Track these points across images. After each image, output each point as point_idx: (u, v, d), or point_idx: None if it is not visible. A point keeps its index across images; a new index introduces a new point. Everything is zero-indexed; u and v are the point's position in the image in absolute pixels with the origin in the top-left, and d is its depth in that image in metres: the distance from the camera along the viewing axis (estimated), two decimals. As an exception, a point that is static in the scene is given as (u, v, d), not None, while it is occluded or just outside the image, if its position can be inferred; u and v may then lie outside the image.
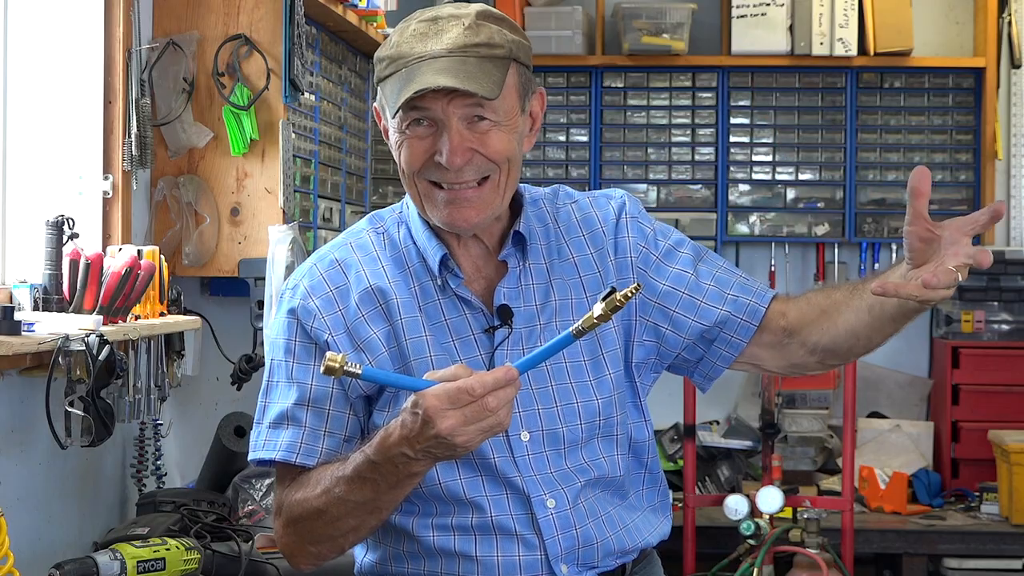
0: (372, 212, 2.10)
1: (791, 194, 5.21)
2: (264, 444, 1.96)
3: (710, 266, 2.06)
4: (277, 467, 1.98)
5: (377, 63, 1.94)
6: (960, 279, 1.75)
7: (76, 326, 2.62)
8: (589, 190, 5.47)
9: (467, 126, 1.88)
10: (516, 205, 2.02)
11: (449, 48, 1.86)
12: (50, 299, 2.72)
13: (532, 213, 2.03)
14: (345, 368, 1.71)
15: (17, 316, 2.53)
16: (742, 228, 5.22)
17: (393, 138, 1.93)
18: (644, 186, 5.23)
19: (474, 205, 1.91)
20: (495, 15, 1.93)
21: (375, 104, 2.01)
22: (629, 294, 1.70)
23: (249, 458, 2.01)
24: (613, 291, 1.73)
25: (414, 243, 2.00)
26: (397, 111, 1.86)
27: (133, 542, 2.68)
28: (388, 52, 1.90)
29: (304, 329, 1.96)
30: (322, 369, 1.71)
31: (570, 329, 1.75)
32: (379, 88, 1.94)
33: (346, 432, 1.96)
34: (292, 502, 1.93)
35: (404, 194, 2.02)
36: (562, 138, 5.25)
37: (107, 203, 3.15)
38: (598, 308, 1.73)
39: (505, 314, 1.95)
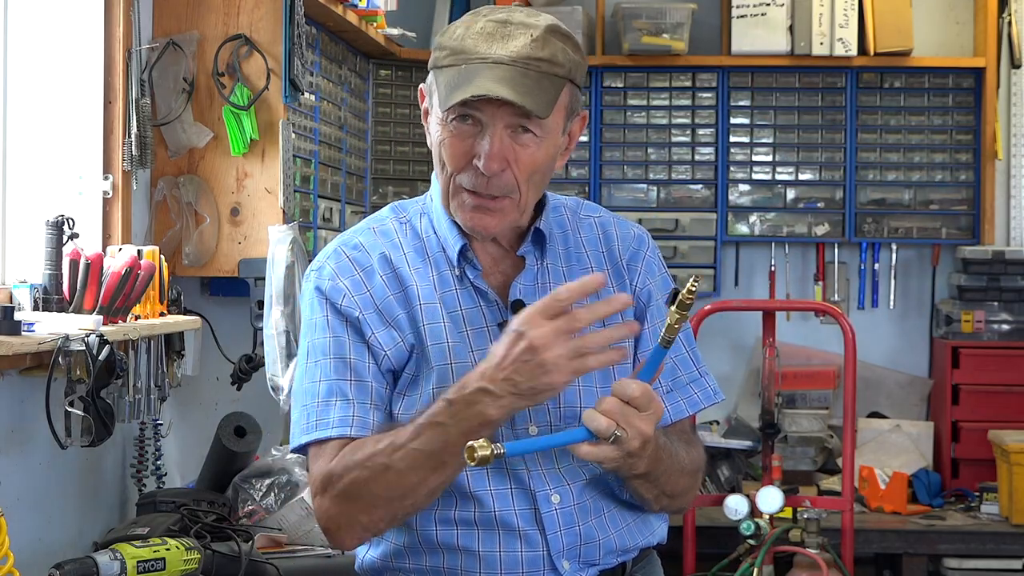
0: (394, 203, 2.13)
1: (791, 194, 5.21)
2: (317, 424, 1.94)
3: (685, 344, 2.09)
4: (314, 447, 1.95)
5: (437, 48, 1.96)
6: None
7: (76, 326, 2.62)
8: (590, 191, 5.46)
9: (509, 134, 1.91)
10: (538, 206, 2.05)
11: (512, 57, 1.89)
12: (50, 299, 2.72)
13: (553, 218, 2.07)
14: (495, 452, 1.75)
15: (17, 316, 2.53)
16: (742, 228, 5.22)
17: (435, 129, 1.96)
18: (644, 186, 5.23)
19: (495, 215, 1.96)
20: (562, 32, 1.95)
21: (421, 86, 2.04)
22: (691, 288, 1.77)
23: (296, 443, 1.97)
24: (676, 291, 1.79)
25: (435, 233, 2.03)
26: (449, 106, 1.90)
27: (133, 542, 2.68)
28: (451, 43, 1.93)
29: (334, 307, 1.98)
30: (475, 462, 1.74)
31: (658, 342, 1.83)
32: (432, 72, 1.97)
33: (387, 404, 1.97)
34: (348, 465, 1.89)
35: (404, 195, 2.03)
36: (562, 138, 5.24)
37: (107, 203, 3.15)
38: (672, 315, 1.79)
39: (519, 309, 1.96)
